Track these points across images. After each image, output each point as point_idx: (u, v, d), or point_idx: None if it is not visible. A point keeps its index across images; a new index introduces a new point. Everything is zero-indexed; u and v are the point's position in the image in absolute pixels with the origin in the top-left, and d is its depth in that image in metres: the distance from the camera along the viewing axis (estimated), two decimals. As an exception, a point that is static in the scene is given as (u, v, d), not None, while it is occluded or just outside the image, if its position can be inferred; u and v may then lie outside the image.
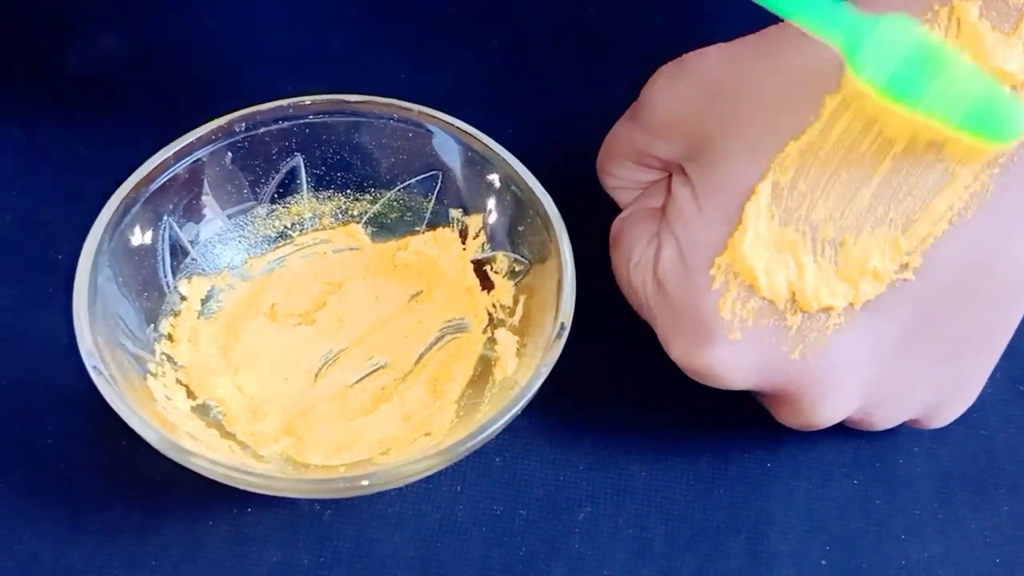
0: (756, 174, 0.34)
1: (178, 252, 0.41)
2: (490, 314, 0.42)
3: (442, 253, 0.43)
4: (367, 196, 0.44)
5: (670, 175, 0.38)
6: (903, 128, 0.32)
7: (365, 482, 0.34)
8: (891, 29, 0.31)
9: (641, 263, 0.37)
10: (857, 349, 0.35)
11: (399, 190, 0.44)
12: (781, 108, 0.34)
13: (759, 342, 0.35)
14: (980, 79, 0.31)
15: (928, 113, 0.31)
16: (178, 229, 0.41)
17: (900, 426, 0.40)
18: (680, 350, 0.36)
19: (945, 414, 0.38)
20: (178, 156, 0.40)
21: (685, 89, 0.36)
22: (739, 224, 0.34)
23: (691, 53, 0.37)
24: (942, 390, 0.37)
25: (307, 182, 0.43)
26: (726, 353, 0.35)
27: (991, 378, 0.40)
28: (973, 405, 0.40)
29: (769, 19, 0.35)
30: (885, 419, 0.37)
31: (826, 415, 0.36)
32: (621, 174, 0.40)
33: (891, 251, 0.33)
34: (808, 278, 0.34)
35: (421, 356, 0.41)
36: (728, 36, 0.37)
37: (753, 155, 0.34)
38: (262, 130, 0.42)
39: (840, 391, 0.35)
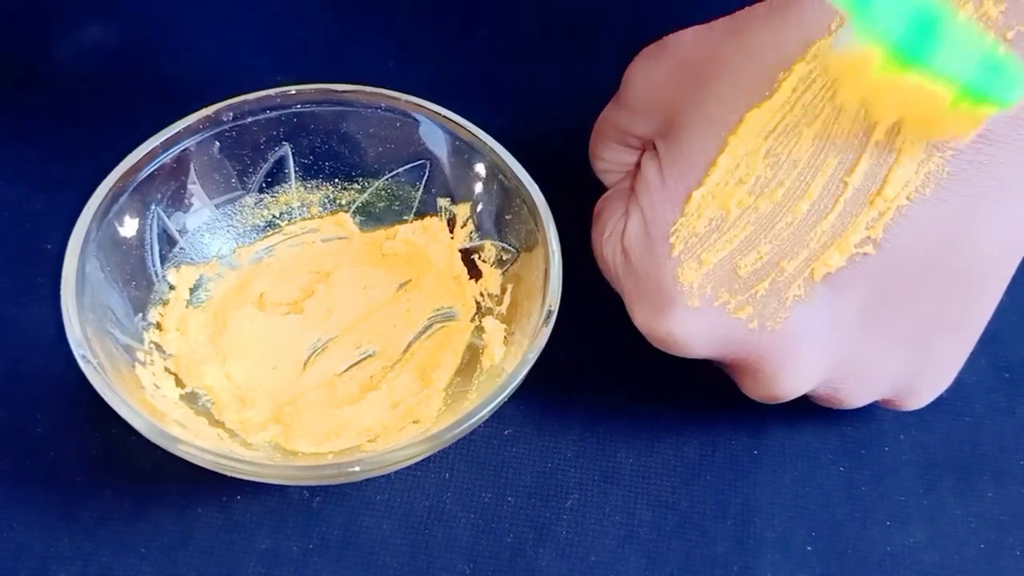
0: (714, 146, 0.35)
1: (166, 241, 0.41)
2: (478, 302, 0.42)
3: (430, 242, 0.43)
4: (355, 185, 0.44)
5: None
6: (862, 97, 0.32)
7: (353, 468, 0.34)
8: None
9: (612, 235, 0.38)
10: (817, 321, 0.35)
11: (387, 179, 0.44)
12: (740, 83, 0.34)
13: (719, 310, 0.35)
14: (985, 40, 0.30)
15: (936, 76, 0.30)
16: (166, 218, 0.41)
17: (885, 412, 0.41)
18: (642, 317, 0.36)
19: (919, 396, 0.38)
20: (165, 146, 0.40)
21: (661, 68, 0.37)
22: (695, 189, 0.35)
23: (670, 35, 0.37)
24: (912, 370, 0.37)
25: (295, 171, 0.43)
26: (686, 320, 0.35)
27: (975, 365, 0.40)
28: (957, 392, 0.40)
29: (750, 3, 0.36)
30: (853, 396, 0.38)
31: (788, 386, 0.36)
32: (608, 156, 0.40)
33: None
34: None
35: (409, 344, 0.41)
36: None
37: (712, 128, 0.35)
38: (250, 119, 0.42)
39: (800, 362, 0.36)
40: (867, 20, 0.31)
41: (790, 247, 0.34)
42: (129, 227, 0.40)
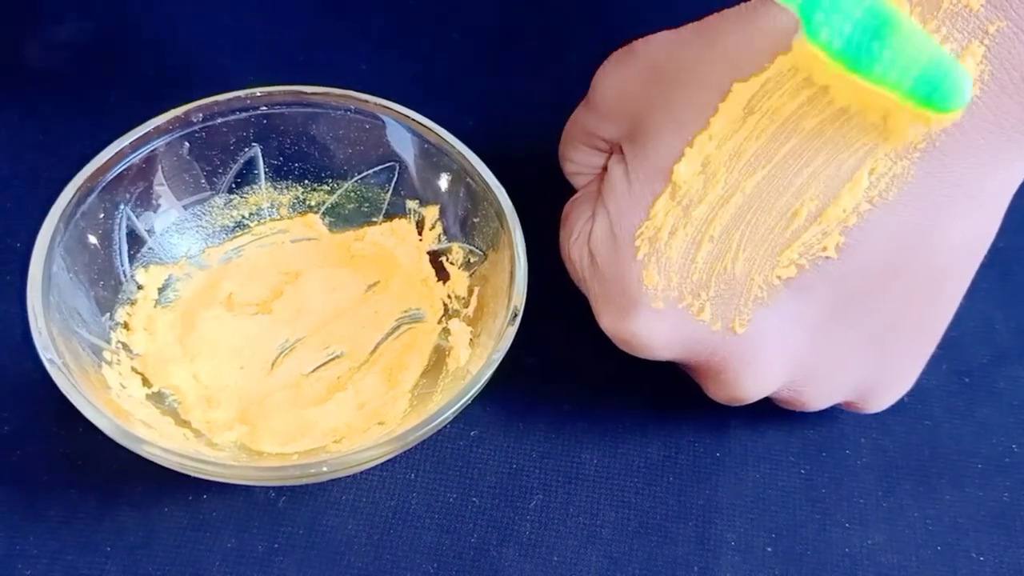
0: (680, 148, 0.35)
1: (135, 241, 0.41)
2: (445, 304, 0.42)
3: (398, 244, 0.43)
4: (324, 187, 0.44)
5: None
6: (851, 96, 0.33)
7: (318, 469, 0.35)
8: None
9: (579, 238, 0.38)
10: (779, 324, 0.35)
11: (356, 181, 0.44)
12: (706, 87, 0.35)
13: (682, 312, 0.35)
14: (929, 46, 0.31)
15: (879, 81, 0.31)
16: (135, 218, 0.41)
17: (846, 416, 0.41)
18: (608, 319, 0.37)
19: (880, 398, 0.39)
20: (134, 146, 0.40)
21: (629, 72, 0.38)
22: (662, 192, 0.35)
23: (639, 39, 0.38)
24: (873, 373, 0.38)
25: (265, 172, 0.43)
26: (650, 322, 0.36)
27: (935, 369, 0.41)
28: (917, 396, 0.41)
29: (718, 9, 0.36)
30: (815, 398, 0.38)
31: (750, 388, 0.37)
32: (577, 159, 0.41)
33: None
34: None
35: (377, 346, 0.42)
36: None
37: (679, 131, 0.35)
38: (219, 120, 0.42)
39: (762, 365, 0.36)
40: (814, 24, 0.31)
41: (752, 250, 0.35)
42: (97, 227, 0.40)
